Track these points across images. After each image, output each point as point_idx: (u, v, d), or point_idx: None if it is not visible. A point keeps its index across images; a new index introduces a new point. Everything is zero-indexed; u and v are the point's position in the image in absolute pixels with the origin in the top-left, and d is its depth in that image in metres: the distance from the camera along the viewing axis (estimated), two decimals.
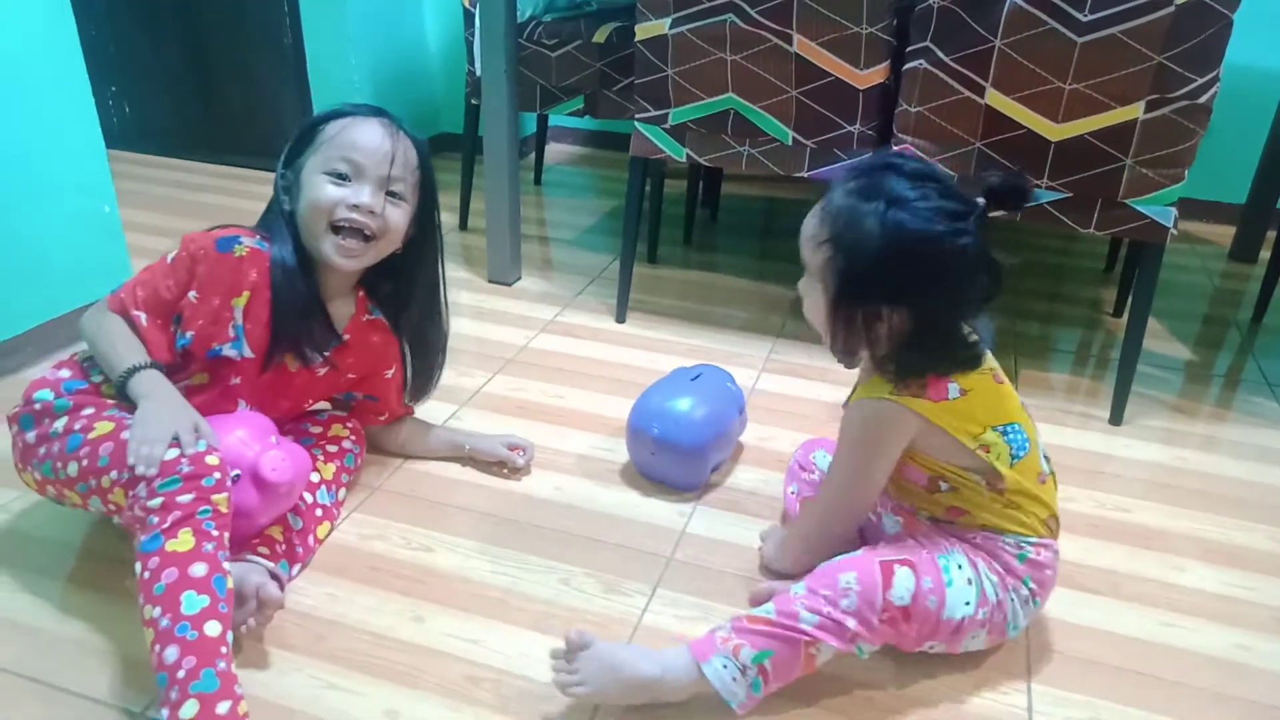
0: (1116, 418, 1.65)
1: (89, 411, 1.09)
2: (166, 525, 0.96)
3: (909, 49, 1.56)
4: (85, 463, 1.04)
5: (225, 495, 1.01)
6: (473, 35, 2.24)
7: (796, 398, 1.70)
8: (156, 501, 0.97)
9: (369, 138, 1.16)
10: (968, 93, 1.52)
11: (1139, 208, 1.51)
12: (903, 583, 0.99)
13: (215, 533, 0.98)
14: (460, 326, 1.93)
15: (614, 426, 1.54)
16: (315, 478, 1.25)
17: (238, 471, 1.07)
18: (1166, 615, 1.20)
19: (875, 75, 1.62)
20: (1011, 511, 1.04)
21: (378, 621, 1.13)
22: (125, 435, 1.03)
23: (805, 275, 1.07)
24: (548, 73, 2.23)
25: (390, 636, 1.11)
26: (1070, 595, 1.23)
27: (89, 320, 1.16)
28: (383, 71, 2.89)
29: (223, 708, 0.90)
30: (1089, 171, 1.51)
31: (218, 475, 1.00)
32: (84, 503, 1.08)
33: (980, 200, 1.01)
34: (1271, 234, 2.12)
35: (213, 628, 0.93)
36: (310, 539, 1.22)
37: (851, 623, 0.97)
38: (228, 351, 1.17)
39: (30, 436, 1.11)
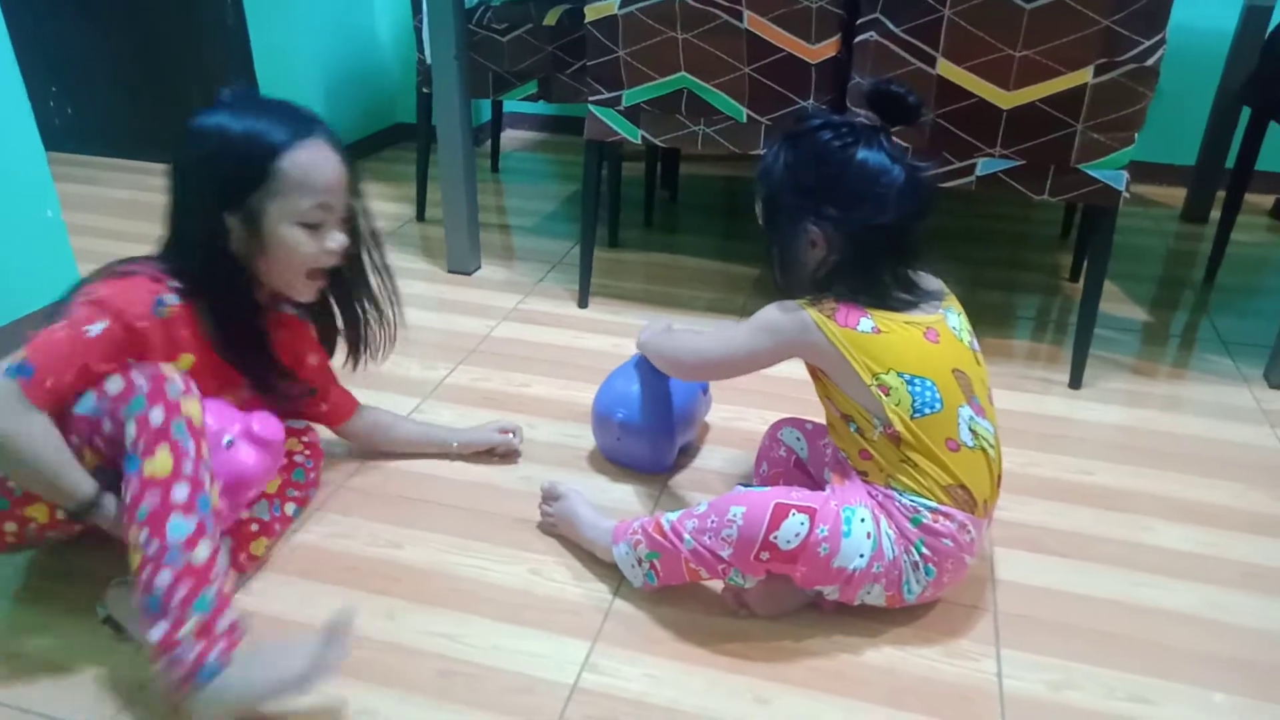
0: (1076, 381, 1.67)
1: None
2: (142, 446, 0.94)
3: (859, 21, 1.55)
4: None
5: (195, 401, 0.98)
6: (421, 22, 2.21)
7: (760, 375, 1.69)
8: (130, 428, 0.94)
9: (330, 171, 1.08)
10: (919, 64, 1.52)
11: (1091, 172, 1.52)
12: (791, 528, 1.02)
13: (192, 447, 0.95)
14: (421, 318, 1.91)
15: (580, 413, 1.53)
16: (252, 493, 1.18)
17: (230, 437, 1.06)
18: (1136, 575, 1.22)
19: (827, 49, 1.61)
20: (906, 467, 1.05)
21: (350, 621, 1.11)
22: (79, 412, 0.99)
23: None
24: (499, 58, 2.20)
25: (363, 636, 1.09)
26: (1037, 559, 1.24)
27: (13, 430, 0.94)
28: (332, 62, 2.84)
29: (223, 623, 0.92)
30: (1041, 138, 1.51)
31: (179, 383, 0.97)
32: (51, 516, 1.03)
33: (868, 116, 1.07)
34: (1221, 194, 2.15)
35: (203, 550, 0.93)
36: (242, 556, 1.16)
37: (726, 552, 1.05)
38: None
39: None
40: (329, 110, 2.82)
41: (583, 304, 1.97)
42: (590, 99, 1.79)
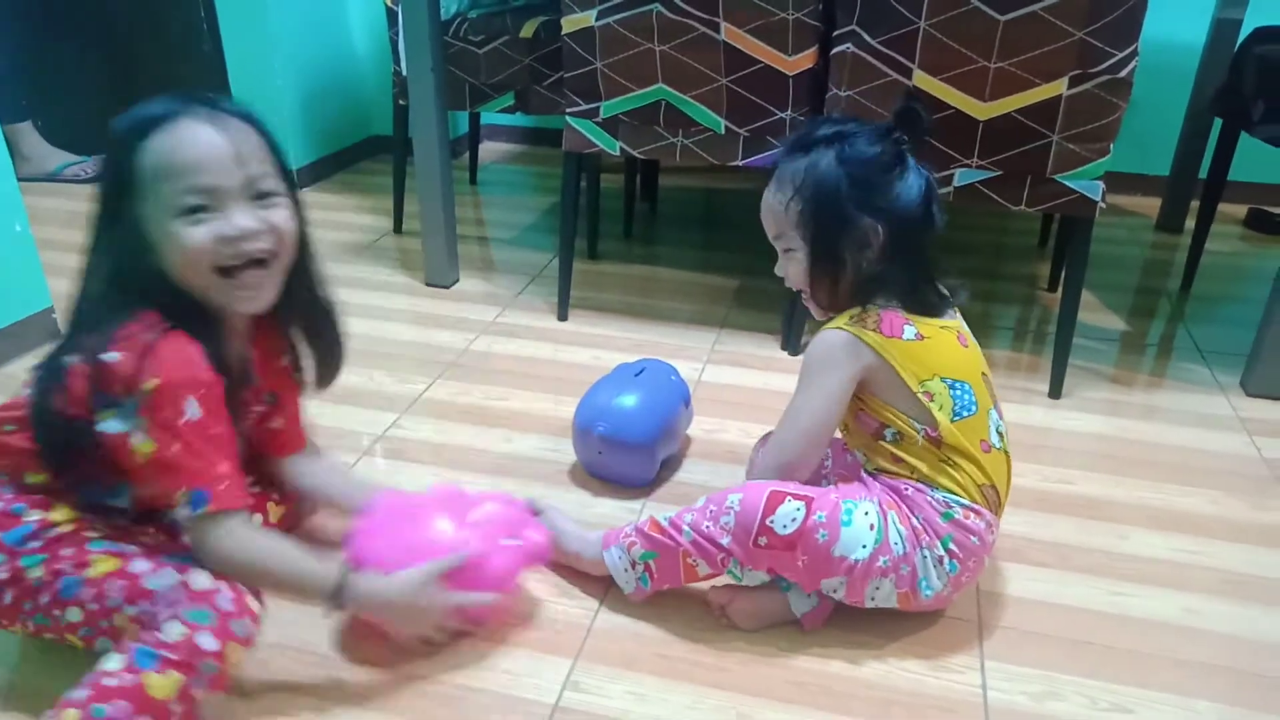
0: (1056, 391, 1.68)
1: (69, 552, 0.94)
2: (159, 657, 0.87)
3: (836, 33, 1.55)
4: (94, 606, 0.92)
5: (249, 651, 0.92)
6: (397, 34, 2.20)
7: (742, 387, 1.69)
8: (175, 630, 0.88)
9: (204, 146, 0.89)
10: (895, 75, 1.52)
11: (1067, 183, 1.53)
12: (787, 513, 1.03)
13: (198, 697, 0.89)
14: (399, 332, 1.89)
15: (560, 427, 1.51)
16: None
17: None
18: (1116, 584, 1.22)
19: (804, 60, 1.61)
20: (946, 467, 1.05)
21: (327, 641, 1.09)
22: (136, 570, 0.93)
23: (780, 255, 1.13)
24: (476, 70, 2.19)
25: (340, 658, 1.07)
26: (1019, 570, 1.24)
27: (229, 548, 0.92)
28: (308, 75, 2.81)
29: None
30: (1017, 149, 1.52)
31: (254, 629, 0.93)
32: (89, 644, 0.95)
33: (892, 127, 1.09)
34: (1195, 204, 2.17)
35: None
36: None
37: (725, 540, 1.05)
38: None
39: (6, 599, 0.94)
40: (305, 123, 2.80)
41: (562, 316, 1.96)
42: (568, 111, 1.78)
